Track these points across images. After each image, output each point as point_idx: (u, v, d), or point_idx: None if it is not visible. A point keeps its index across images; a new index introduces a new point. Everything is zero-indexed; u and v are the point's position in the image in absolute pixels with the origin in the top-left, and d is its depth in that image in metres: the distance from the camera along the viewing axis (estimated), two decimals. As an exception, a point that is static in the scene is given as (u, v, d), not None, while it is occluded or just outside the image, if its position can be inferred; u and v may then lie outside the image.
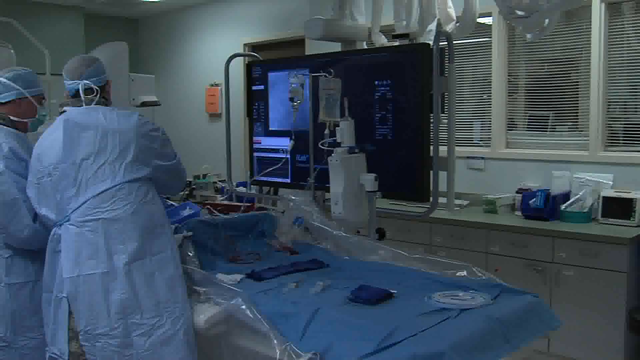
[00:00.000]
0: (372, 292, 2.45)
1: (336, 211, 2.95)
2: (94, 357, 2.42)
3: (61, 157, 2.51)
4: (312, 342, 2.10)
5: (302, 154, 3.94)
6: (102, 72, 2.77)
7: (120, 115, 2.60)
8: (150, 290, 2.41)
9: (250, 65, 4.43)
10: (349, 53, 4.04)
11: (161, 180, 2.66)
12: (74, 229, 2.46)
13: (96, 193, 2.45)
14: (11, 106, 2.92)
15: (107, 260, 2.40)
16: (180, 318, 2.42)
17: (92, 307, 2.40)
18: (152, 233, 2.49)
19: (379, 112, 3.59)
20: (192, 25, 8.17)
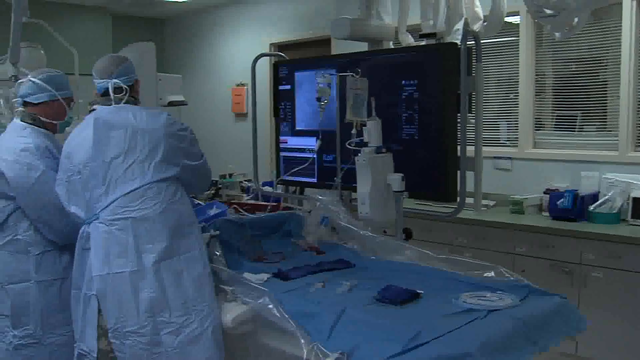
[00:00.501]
0: (398, 293, 2.45)
1: (363, 211, 2.95)
2: (123, 354, 2.44)
3: (91, 156, 2.53)
4: (339, 342, 2.10)
5: (329, 154, 3.93)
6: (132, 72, 2.78)
7: (149, 115, 2.60)
8: (178, 289, 2.43)
9: (277, 65, 4.44)
10: (376, 53, 4.03)
11: (188, 179, 2.67)
12: (102, 227, 2.48)
13: (125, 192, 2.47)
14: (43, 107, 2.96)
15: (136, 259, 2.42)
16: (208, 317, 2.43)
17: (121, 305, 2.42)
18: (181, 232, 2.50)
19: (405, 112, 3.57)
20: (218, 25, 8.20)
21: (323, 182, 3.98)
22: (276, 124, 4.44)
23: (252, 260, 3.00)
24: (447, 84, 3.39)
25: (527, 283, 2.55)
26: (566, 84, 5.06)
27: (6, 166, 2.83)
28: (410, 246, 2.97)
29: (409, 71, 3.59)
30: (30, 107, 2.97)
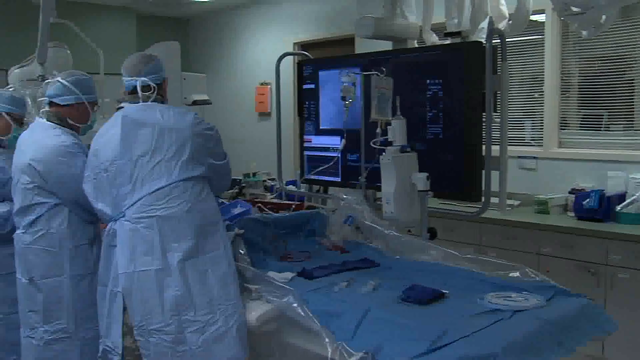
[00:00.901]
0: (423, 292, 2.44)
1: (387, 210, 2.94)
2: (147, 352, 2.46)
3: (118, 154, 2.54)
4: (363, 342, 2.10)
5: (353, 153, 3.93)
6: (160, 70, 2.78)
7: (176, 114, 2.60)
8: (203, 287, 2.43)
9: (301, 64, 4.44)
10: (400, 51, 4.02)
11: (213, 179, 2.68)
12: (128, 225, 2.49)
13: (152, 190, 2.48)
14: (69, 109, 3.02)
15: (161, 257, 2.43)
16: (233, 315, 2.43)
17: (147, 303, 2.44)
18: (206, 231, 2.50)
19: (430, 111, 3.56)
20: (242, 25, 8.23)
21: (347, 181, 3.98)
22: (300, 123, 4.44)
23: (277, 259, 3.01)
24: (472, 83, 3.37)
25: (553, 284, 2.53)
26: (592, 82, 5.01)
27: (44, 164, 2.88)
28: (435, 246, 2.96)
29: (433, 70, 3.58)
30: (56, 108, 3.02)
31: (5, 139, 3.42)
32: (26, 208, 2.92)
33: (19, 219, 2.95)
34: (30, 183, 2.90)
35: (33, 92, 4.36)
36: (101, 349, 2.65)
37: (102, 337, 2.64)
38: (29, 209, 2.91)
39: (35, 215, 2.89)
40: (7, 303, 3.28)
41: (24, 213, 2.93)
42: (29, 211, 2.92)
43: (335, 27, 6.93)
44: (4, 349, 3.29)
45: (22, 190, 2.91)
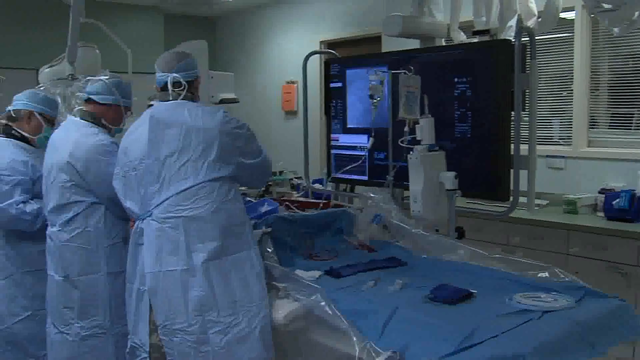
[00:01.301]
0: (451, 292, 2.43)
1: (415, 209, 2.94)
2: (171, 350, 2.47)
3: (146, 153, 2.55)
4: (391, 341, 2.09)
5: (380, 152, 3.92)
6: (193, 68, 2.76)
7: (205, 112, 2.58)
8: (227, 288, 2.43)
9: (329, 62, 4.44)
10: (428, 50, 4.01)
11: (245, 177, 2.68)
12: (155, 224, 2.50)
13: (178, 190, 2.48)
14: (106, 109, 3.07)
15: (186, 258, 2.44)
16: (256, 317, 2.43)
17: (171, 303, 2.45)
18: (231, 232, 2.50)
19: (458, 110, 3.55)
20: (269, 23, 8.25)
21: (374, 180, 3.98)
22: (327, 121, 4.44)
23: (304, 258, 3.02)
24: (501, 82, 3.35)
25: (582, 284, 2.50)
26: (622, 80, 4.94)
27: (83, 163, 2.91)
28: (463, 245, 2.94)
29: (461, 69, 3.56)
30: (93, 106, 3.06)
31: (35, 138, 3.46)
32: (62, 206, 2.95)
33: (54, 216, 2.97)
34: (69, 182, 2.93)
35: (63, 91, 4.42)
36: (129, 345, 2.67)
37: (130, 334, 2.67)
38: (66, 207, 2.94)
39: (73, 213, 2.92)
40: (37, 299, 3.32)
41: (60, 211, 2.96)
42: (66, 209, 2.95)
43: (362, 26, 6.92)
44: (35, 343, 3.33)
45: (59, 189, 2.94)
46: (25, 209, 3.23)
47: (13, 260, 3.32)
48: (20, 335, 3.32)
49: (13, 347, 3.33)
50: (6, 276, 3.32)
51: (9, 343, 3.33)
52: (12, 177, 3.25)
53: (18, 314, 3.33)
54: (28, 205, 3.25)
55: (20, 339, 3.33)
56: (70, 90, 4.42)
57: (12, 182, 3.25)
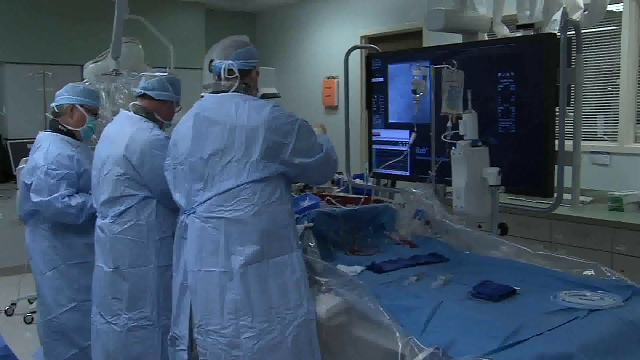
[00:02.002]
0: (495, 288, 2.41)
1: (458, 205, 2.92)
2: (204, 350, 2.48)
3: (190, 151, 2.53)
4: (434, 337, 2.08)
5: (422, 147, 3.91)
6: (251, 57, 2.64)
7: (252, 108, 2.48)
8: (263, 294, 2.40)
9: (370, 57, 4.43)
10: (471, 44, 3.97)
11: (303, 177, 2.64)
12: (198, 222, 2.49)
13: (221, 191, 2.44)
14: (160, 105, 3.11)
15: (225, 260, 2.42)
16: (291, 324, 2.40)
17: (208, 303, 2.45)
18: (273, 236, 2.44)
19: (501, 105, 3.51)
20: (309, 19, 8.25)
21: (416, 175, 3.96)
22: (369, 116, 4.43)
23: (346, 253, 3.02)
24: (546, 76, 3.31)
25: (630, 283, 2.45)
26: (671, 75, 4.83)
27: (139, 157, 2.94)
28: (506, 241, 2.91)
29: (505, 63, 3.53)
30: (148, 102, 3.09)
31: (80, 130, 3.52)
32: (115, 199, 2.98)
33: (105, 208, 3.01)
34: (123, 175, 2.95)
35: (107, 86, 4.48)
36: (170, 335, 2.71)
37: (172, 325, 2.69)
38: (119, 200, 2.97)
39: (125, 206, 2.96)
40: (82, 291, 3.39)
41: (112, 203, 2.99)
42: (118, 202, 2.98)
43: (403, 21, 6.87)
44: (81, 334, 3.40)
45: (113, 182, 2.97)
46: (71, 202, 3.29)
47: (60, 252, 3.39)
48: (66, 326, 3.39)
49: (60, 336, 3.41)
50: (53, 268, 3.39)
51: (56, 332, 3.41)
52: (58, 171, 3.32)
53: (64, 305, 3.40)
54: (73, 198, 3.31)
55: (66, 329, 3.40)
56: (114, 85, 4.48)
57: (58, 176, 3.31)
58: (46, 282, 3.41)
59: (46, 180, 3.30)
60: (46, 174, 3.30)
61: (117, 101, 4.42)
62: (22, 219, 3.56)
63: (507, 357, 1.90)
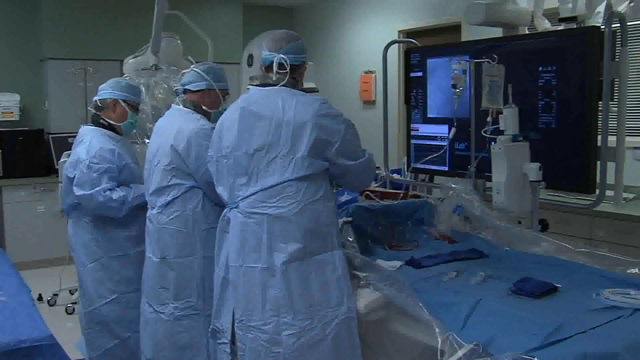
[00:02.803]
0: (535, 285, 2.37)
1: (498, 200, 2.88)
2: (243, 346, 2.49)
3: (236, 144, 2.52)
4: (474, 333, 2.06)
5: (461, 142, 3.87)
6: (302, 52, 2.63)
7: (300, 103, 2.45)
8: (305, 291, 2.39)
9: (409, 51, 4.41)
10: (512, 38, 3.92)
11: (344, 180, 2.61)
12: (241, 217, 2.49)
13: (265, 187, 2.43)
14: (201, 95, 3.13)
15: (267, 257, 2.41)
16: (331, 323, 2.39)
17: (249, 299, 2.45)
18: (316, 234, 2.43)
19: (542, 100, 3.46)
20: (346, 13, 8.23)
21: (455, 171, 3.93)
22: (407, 111, 4.41)
23: (385, 247, 3.01)
24: (589, 70, 3.25)
25: (677, 282, 2.40)
26: None
27: (185, 146, 2.96)
28: (546, 238, 2.88)
29: (547, 57, 3.47)
30: (190, 95, 3.13)
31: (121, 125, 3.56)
32: (163, 189, 3.01)
33: (154, 198, 3.05)
34: (169, 165, 2.98)
35: (147, 80, 4.52)
36: (211, 328, 2.72)
37: (213, 317, 2.71)
38: (165, 189, 3.00)
39: (172, 196, 2.98)
40: (123, 283, 3.44)
41: (160, 193, 3.02)
42: (165, 192, 3.01)
43: (441, 15, 6.82)
44: (122, 326, 3.45)
45: (161, 172, 3.00)
46: (112, 195, 3.33)
47: (101, 244, 3.44)
48: (107, 317, 3.45)
49: (102, 327, 3.46)
50: (94, 260, 3.44)
51: (97, 324, 3.46)
52: (100, 165, 3.36)
53: (105, 297, 3.44)
54: (114, 192, 3.35)
55: (107, 320, 3.45)
56: (153, 79, 4.53)
57: (100, 170, 3.36)
58: (88, 274, 3.46)
59: (88, 173, 3.34)
60: (88, 168, 3.34)
61: (157, 96, 4.47)
62: (65, 211, 3.62)
63: (549, 355, 1.87)
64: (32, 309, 2.71)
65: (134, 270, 3.42)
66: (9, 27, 7.23)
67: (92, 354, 3.51)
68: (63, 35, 7.09)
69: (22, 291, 2.97)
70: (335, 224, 2.53)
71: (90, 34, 7.19)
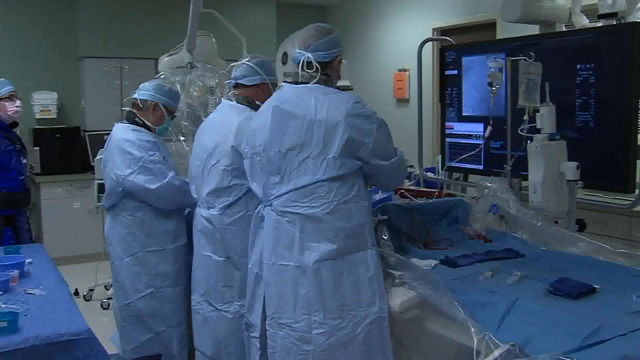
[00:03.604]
0: (573, 286, 2.34)
1: (534, 200, 2.86)
2: (274, 343, 2.49)
3: (268, 143, 2.51)
4: (510, 333, 2.04)
5: (496, 140, 3.84)
6: (333, 46, 2.57)
7: (332, 102, 2.41)
8: (336, 291, 2.39)
9: (444, 49, 4.38)
10: (549, 35, 3.87)
11: (376, 179, 2.58)
12: (274, 215, 2.49)
13: (297, 186, 2.42)
14: (255, 90, 3.10)
15: (299, 255, 2.41)
16: (362, 322, 2.38)
17: (281, 297, 2.46)
18: (348, 233, 2.41)
19: (580, 98, 3.41)
20: (380, 11, 8.21)
21: (490, 169, 3.89)
22: (442, 109, 4.38)
23: (419, 246, 3.00)
24: (629, 68, 3.19)
25: None
26: None
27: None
28: (584, 238, 2.84)
29: (585, 55, 3.42)
30: (243, 90, 3.11)
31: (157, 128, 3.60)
32: (223, 189, 2.98)
33: (212, 198, 3.01)
34: (230, 165, 2.94)
35: (182, 78, 4.56)
36: (245, 321, 2.74)
37: (246, 312, 2.71)
38: (226, 190, 2.97)
39: (234, 197, 2.96)
40: (159, 277, 3.47)
41: (219, 194, 2.99)
42: (226, 193, 2.98)
43: (475, 12, 6.76)
44: (156, 320, 3.49)
45: (221, 172, 2.97)
46: (184, 179, 3.39)
47: (138, 239, 3.47)
48: (142, 311, 3.48)
49: (136, 321, 3.50)
50: (131, 254, 3.48)
51: (133, 317, 3.50)
52: (157, 155, 3.43)
53: (141, 291, 3.48)
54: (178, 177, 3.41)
55: (142, 314, 3.49)
56: (188, 77, 4.56)
57: (159, 159, 3.43)
58: (124, 268, 3.50)
59: (153, 167, 3.39)
60: (151, 162, 3.39)
61: (192, 93, 4.50)
62: (105, 207, 3.66)
63: (587, 357, 1.84)
64: (70, 304, 2.75)
65: (170, 265, 3.47)
66: (47, 27, 7.36)
67: (126, 347, 3.55)
68: (99, 34, 7.18)
69: (61, 286, 3.02)
70: (368, 223, 2.50)
71: (125, 33, 7.27)
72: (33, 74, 7.21)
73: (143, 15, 7.35)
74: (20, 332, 2.34)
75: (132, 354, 3.56)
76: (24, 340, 2.28)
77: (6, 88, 4.18)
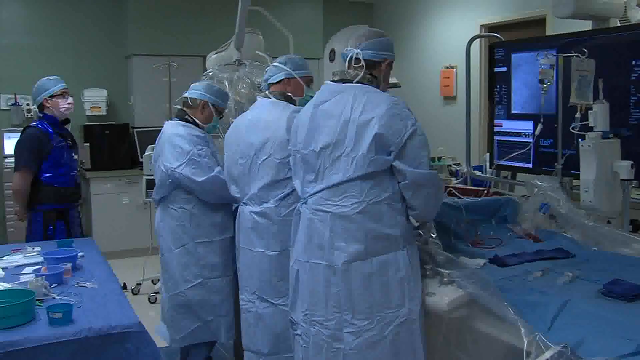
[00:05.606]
0: (628, 287, 2.29)
1: (586, 199, 2.81)
2: (307, 339, 2.51)
3: (305, 141, 2.54)
4: (561, 335, 2.01)
5: (546, 138, 3.78)
6: (385, 49, 2.58)
7: (369, 102, 2.40)
8: (365, 292, 2.38)
9: (493, 46, 4.33)
10: (602, 31, 3.79)
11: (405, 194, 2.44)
12: (308, 213, 2.51)
13: (330, 185, 2.43)
14: (282, 85, 3.14)
15: (329, 255, 2.42)
16: (391, 324, 2.38)
17: (314, 294, 2.47)
18: (378, 235, 2.39)
19: (635, 95, 3.33)
20: (427, 8, 8.14)
21: (540, 168, 3.83)
22: (490, 107, 4.33)
23: (468, 245, 2.97)
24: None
25: None
26: None
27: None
28: (638, 239, 2.77)
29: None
30: (274, 87, 3.16)
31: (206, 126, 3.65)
32: (279, 182, 2.98)
33: (266, 193, 3.01)
34: (286, 158, 2.91)
35: (230, 75, 4.58)
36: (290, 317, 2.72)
37: (289, 309, 2.70)
38: (282, 182, 2.97)
39: (290, 188, 2.93)
40: (207, 268, 3.55)
41: (274, 187, 2.99)
42: (281, 185, 2.97)
43: (524, 8, 6.66)
44: (205, 309, 3.57)
45: (276, 165, 2.97)
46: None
47: (187, 231, 3.54)
48: (191, 300, 3.56)
49: (186, 310, 3.58)
50: (181, 245, 3.55)
51: (182, 306, 3.58)
52: (205, 150, 3.51)
53: (190, 281, 3.55)
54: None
55: (191, 304, 3.56)
56: (236, 74, 4.59)
57: (207, 154, 3.50)
58: (174, 259, 3.57)
59: (201, 160, 3.46)
60: (199, 155, 3.47)
61: (240, 90, 4.53)
62: (155, 200, 3.72)
63: (644, 361, 1.81)
64: (121, 297, 2.80)
65: (218, 256, 3.55)
66: (96, 25, 7.48)
67: (175, 336, 3.63)
68: (148, 32, 7.27)
69: (111, 279, 3.07)
70: (401, 225, 2.45)
71: (174, 31, 7.35)
72: (84, 71, 7.34)
73: (191, 13, 7.43)
74: (74, 323, 2.39)
75: (181, 342, 3.66)
76: (78, 331, 2.33)
77: (59, 85, 4.26)
